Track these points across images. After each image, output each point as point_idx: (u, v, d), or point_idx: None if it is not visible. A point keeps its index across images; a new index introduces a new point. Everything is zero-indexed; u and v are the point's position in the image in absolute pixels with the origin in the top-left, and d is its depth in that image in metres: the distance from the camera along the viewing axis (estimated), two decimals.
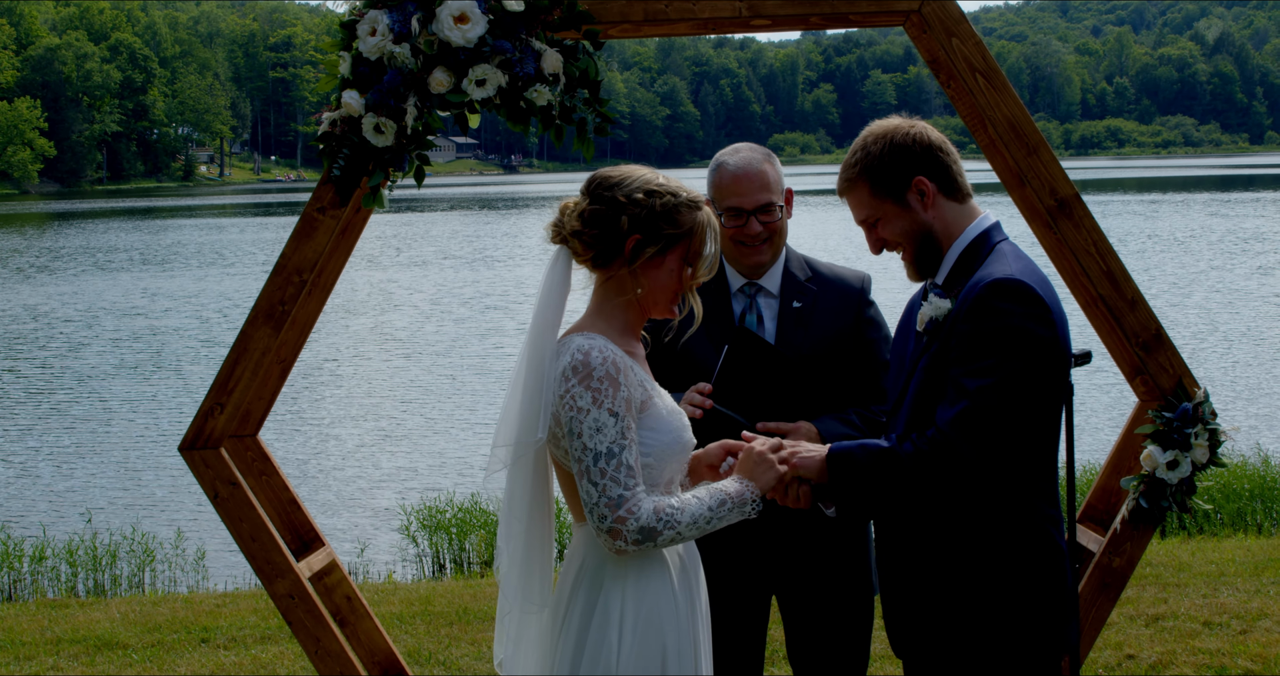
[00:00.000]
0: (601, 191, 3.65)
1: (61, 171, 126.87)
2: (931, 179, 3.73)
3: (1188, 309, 26.78)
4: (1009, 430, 3.46)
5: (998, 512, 3.57)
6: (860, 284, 4.84)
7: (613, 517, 3.46)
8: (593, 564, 3.64)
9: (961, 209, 3.76)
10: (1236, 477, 11.26)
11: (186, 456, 4.80)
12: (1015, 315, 3.48)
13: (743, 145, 4.79)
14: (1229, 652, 6.99)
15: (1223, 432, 4.79)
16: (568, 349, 3.56)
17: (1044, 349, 3.49)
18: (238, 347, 4.78)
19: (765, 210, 4.64)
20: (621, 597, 3.58)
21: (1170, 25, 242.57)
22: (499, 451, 3.63)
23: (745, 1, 4.73)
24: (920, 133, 3.76)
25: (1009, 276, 3.52)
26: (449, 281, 35.83)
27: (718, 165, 4.72)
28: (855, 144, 3.81)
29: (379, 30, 4.48)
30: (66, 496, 14.61)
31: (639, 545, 3.48)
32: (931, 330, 3.67)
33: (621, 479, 3.47)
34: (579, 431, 3.49)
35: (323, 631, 4.82)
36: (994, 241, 3.71)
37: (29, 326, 28.89)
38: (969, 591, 3.59)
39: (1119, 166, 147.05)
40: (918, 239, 3.76)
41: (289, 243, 4.73)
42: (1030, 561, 3.59)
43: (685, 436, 3.68)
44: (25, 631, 8.30)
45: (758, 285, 4.76)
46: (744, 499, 3.61)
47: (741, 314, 4.76)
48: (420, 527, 11.66)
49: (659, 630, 3.58)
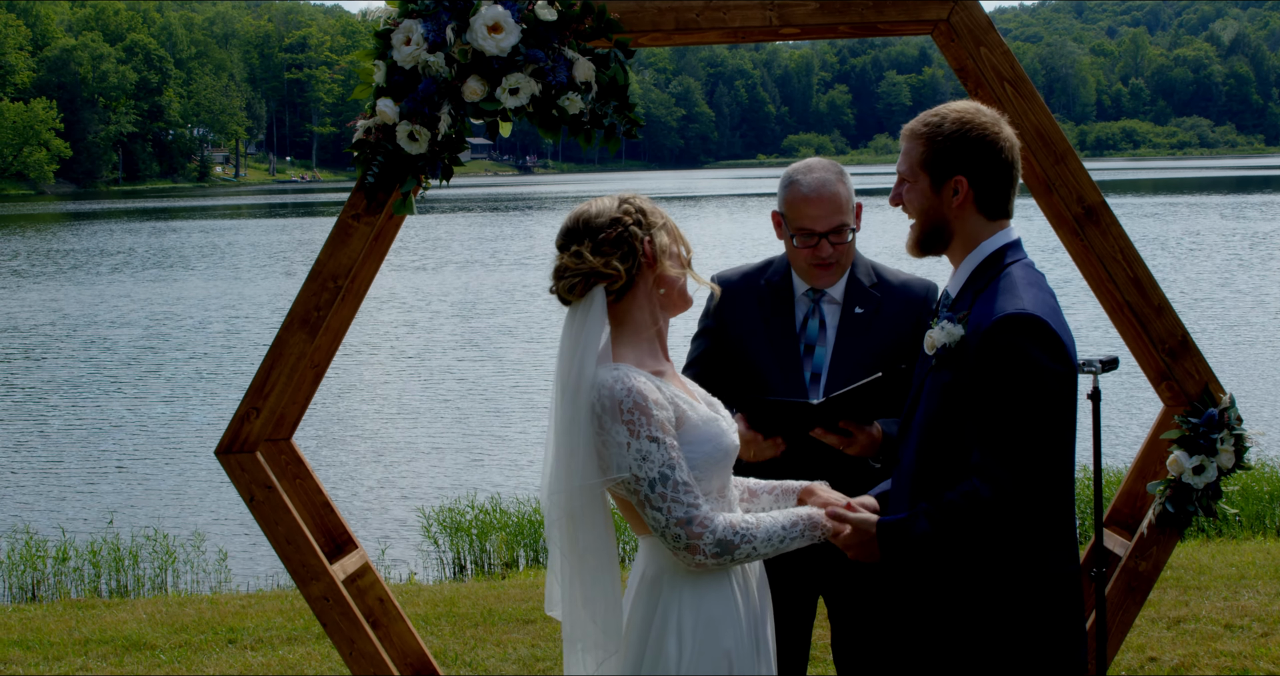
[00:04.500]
0: (595, 223, 3.67)
1: (77, 172, 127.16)
2: (972, 185, 3.69)
3: (1212, 313, 26.74)
4: (1042, 471, 3.48)
5: (1015, 553, 3.56)
6: (925, 292, 4.82)
7: (687, 535, 3.51)
8: (651, 574, 3.69)
9: (988, 224, 3.73)
10: (1257, 480, 11.28)
11: (223, 460, 4.85)
12: (1032, 353, 3.47)
13: (815, 162, 4.77)
14: (1251, 655, 7.02)
15: (1248, 438, 4.82)
16: (593, 387, 3.57)
17: (1060, 384, 3.50)
18: (273, 352, 4.83)
19: (838, 232, 4.66)
20: (679, 606, 3.63)
21: (1186, 26, 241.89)
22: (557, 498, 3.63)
23: (775, 10, 4.77)
24: (996, 138, 3.68)
25: (1021, 311, 3.50)
26: (474, 283, 35.86)
27: (790, 182, 4.71)
28: (946, 107, 3.76)
29: (414, 39, 4.54)
30: (88, 497, 14.69)
31: (718, 559, 3.54)
32: (943, 356, 3.66)
33: (682, 498, 3.52)
34: (625, 464, 3.53)
35: (357, 633, 4.87)
36: (1008, 261, 3.68)
37: (54, 327, 29.00)
38: (983, 629, 3.59)
39: (1134, 168, 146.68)
40: (930, 224, 3.75)
41: (324, 249, 4.78)
42: (1045, 597, 3.59)
43: (725, 441, 3.70)
44: (53, 631, 8.36)
45: (822, 291, 4.79)
46: (815, 523, 3.69)
47: (804, 320, 4.79)
48: (441, 530, 11.72)
49: (718, 636, 3.62)
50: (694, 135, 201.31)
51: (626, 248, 3.65)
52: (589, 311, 3.63)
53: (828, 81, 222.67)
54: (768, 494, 3.99)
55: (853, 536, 3.69)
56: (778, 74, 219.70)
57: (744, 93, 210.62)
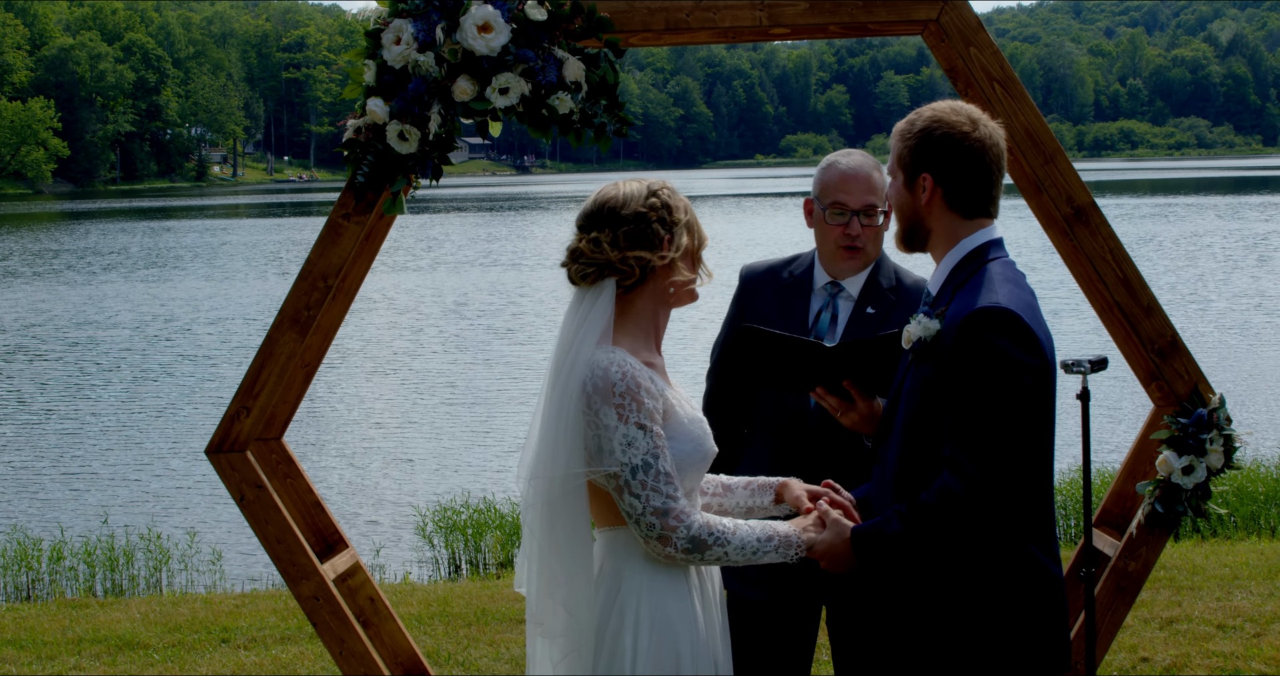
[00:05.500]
0: (619, 213, 3.66)
1: (75, 171, 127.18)
2: (938, 183, 3.69)
3: (1202, 314, 26.76)
4: (1013, 465, 3.47)
5: (991, 549, 3.56)
6: None
7: (661, 525, 3.51)
8: (610, 568, 3.67)
9: (965, 222, 3.73)
10: (1250, 481, 11.29)
11: (213, 459, 4.85)
12: (1002, 345, 3.48)
13: (855, 150, 4.85)
14: (1243, 656, 7.02)
15: (1238, 438, 4.83)
16: (586, 365, 3.57)
17: (1032, 377, 3.50)
18: (264, 352, 4.83)
19: (869, 212, 4.70)
20: (637, 602, 3.61)
21: (1184, 27, 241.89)
22: (537, 483, 3.61)
23: (765, 10, 4.78)
24: (964, 137, 3.67)
25: (995, 304, 3.51)
26: (467, 284, 35.88)
27: (829, 164, 4.78)
28: (928, 106, 3.77)
29: (404, 39, 4.54)
30: (82, 497, 14.69)
31: (688, 554, 3.54)
32: (919, 350, 3.67)
33: (662, 488, 3.51)
34: (610, 449, 3.52)
35: (347, 632, 4.88)
36: (987, 258, 3.69)
37: (44, 327, 28.98)
38: (963, 627, 3.59)
39: (1132, 168, 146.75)
40: (906, 220, 3.78)
41: (314, 248, 4.78)
42: (1025, 592, 3.59)
43: (706, 445, 3.71)
44: (46, 631, 8.36)
45: (840, 285, 4.81)
46: (790, 542, 3.65)
47: (817, 313, 4.81)
48: (436, 529, 11.72)
49: (673, 634, 3.61)
50: (692, 135, 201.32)
51: (646, 245, 3.64)
52: (597, 299, 3.63)
53: (825, 82, 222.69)
54: (743, 488, 3.99)
55: (825, 546, 3.68)
56: (776, 74, 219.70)
57: (742, 93, 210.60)
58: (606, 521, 3.67)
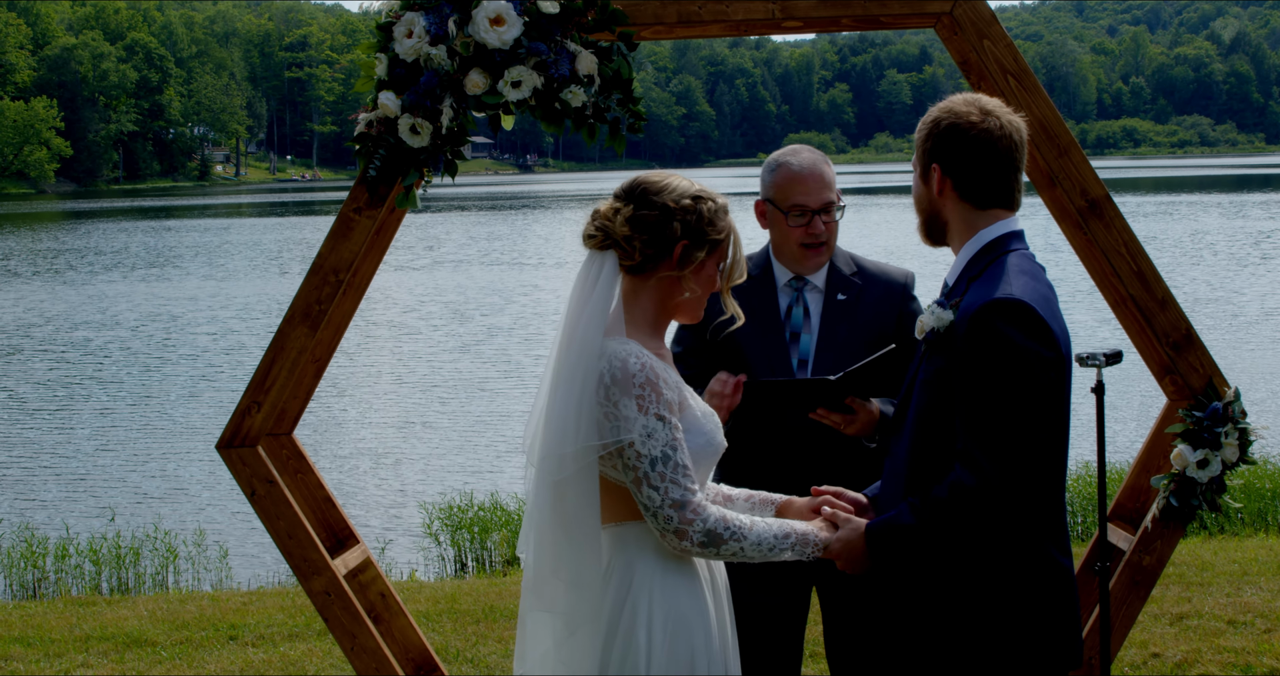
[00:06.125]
0: (649, 197, 3.65)
1: (78, 171, 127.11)
2: (947, 173, 3.69)
3: (1214, 310, 26.73)
4: (1027, 460, 3.45)
5: (1003, 542, 3.54)
6: (904, 280, 4.95)
7: (679, 518, 3.49)
8: (620, 564, 3.64)
9: (980, 213, 3.71)
10: (1259, 477, 11.26)
11: (224, 454, 4.84)
12: (1015, 337, 3.46)
13: (799, 146, 4.89)
14: (1254, 651, 7.01)
15: (1253, 431, 4.81)
16: (603, 356, 3.55)
17: (1045, 369, 3.48)
18: (274, 347, 4.82)
19: (827, 210, 4.77)
20: (650, 598, 3.59)
21: (1186, 25, 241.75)
22: (548, 462, 3.56)
23: (778, 3, 4.76)
24: (971, 127, 3.66)
25: (1009, 296, 3.49)
26: (477, 282, 35.85)
27: (779, 164, 4.81)
28: (949, 98, 3.76)
29: (415, 32, 4.53)
30: (90, 494, 14.68)
31: (704, 548, 3.51)
32: (932, 341, 3.65)
33: (680, 480, 3.50)
34: (630, 440, 3.50)
35: (358, 628, 4.86)
36: (1006, 250, 3.66)
37: (52, 325, 28.98)
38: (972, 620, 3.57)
39: (1135, 166, 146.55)
40: (925, 213, 3.79)
41: (325, 243, 4.77)
42: (1037, 587, 3.58)
43: (718, 439, 3.70)
44: (54, 628, 8.35)
45: (805, 279, 4.88)
46: (808, 540, 3.63)
47: (788, 308, 4.87)
48: (442, 527, 11.70)
49: (688, 630, 3.60)
50: (694, 134, 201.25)
51: (656, 240, 3.63)
52: (601, 270, 3.62)
53: (828, 80, 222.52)
54: (744, 501, 3.96)
55: (840, 544, 3.66)
56: (778, 72, 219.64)
57: (744, 91, 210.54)
58: (614, 517, 3.64)
